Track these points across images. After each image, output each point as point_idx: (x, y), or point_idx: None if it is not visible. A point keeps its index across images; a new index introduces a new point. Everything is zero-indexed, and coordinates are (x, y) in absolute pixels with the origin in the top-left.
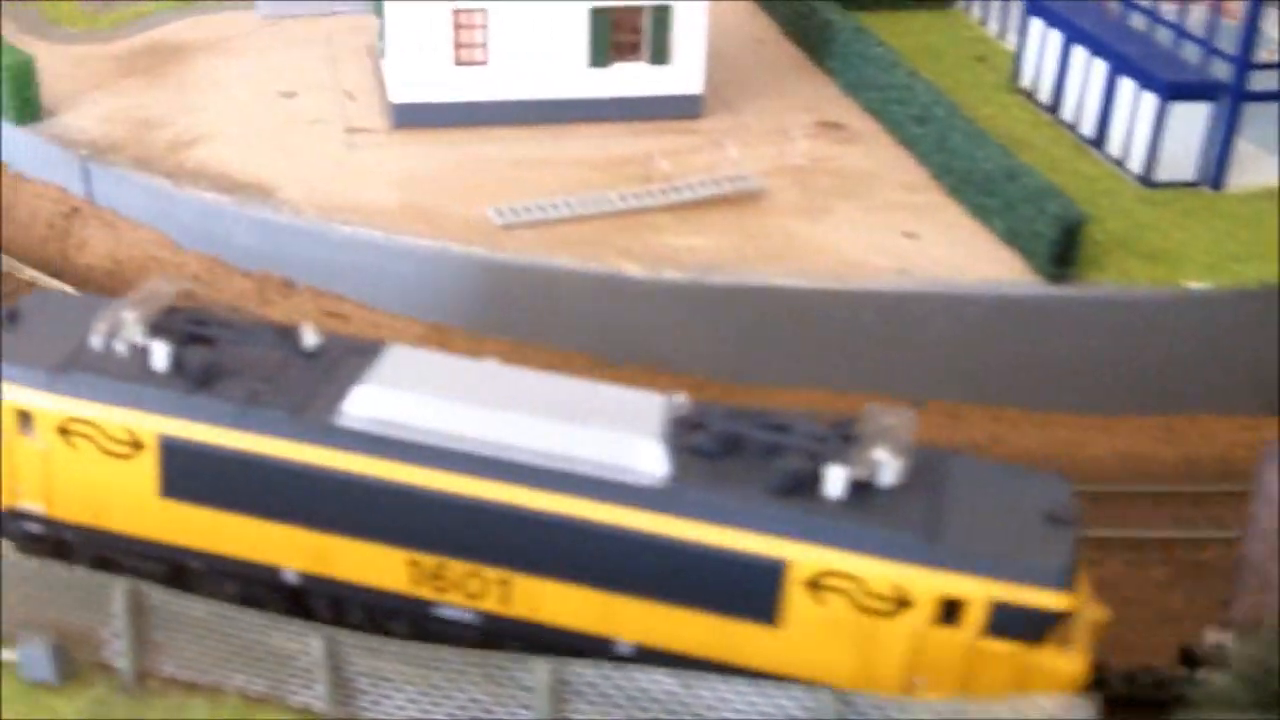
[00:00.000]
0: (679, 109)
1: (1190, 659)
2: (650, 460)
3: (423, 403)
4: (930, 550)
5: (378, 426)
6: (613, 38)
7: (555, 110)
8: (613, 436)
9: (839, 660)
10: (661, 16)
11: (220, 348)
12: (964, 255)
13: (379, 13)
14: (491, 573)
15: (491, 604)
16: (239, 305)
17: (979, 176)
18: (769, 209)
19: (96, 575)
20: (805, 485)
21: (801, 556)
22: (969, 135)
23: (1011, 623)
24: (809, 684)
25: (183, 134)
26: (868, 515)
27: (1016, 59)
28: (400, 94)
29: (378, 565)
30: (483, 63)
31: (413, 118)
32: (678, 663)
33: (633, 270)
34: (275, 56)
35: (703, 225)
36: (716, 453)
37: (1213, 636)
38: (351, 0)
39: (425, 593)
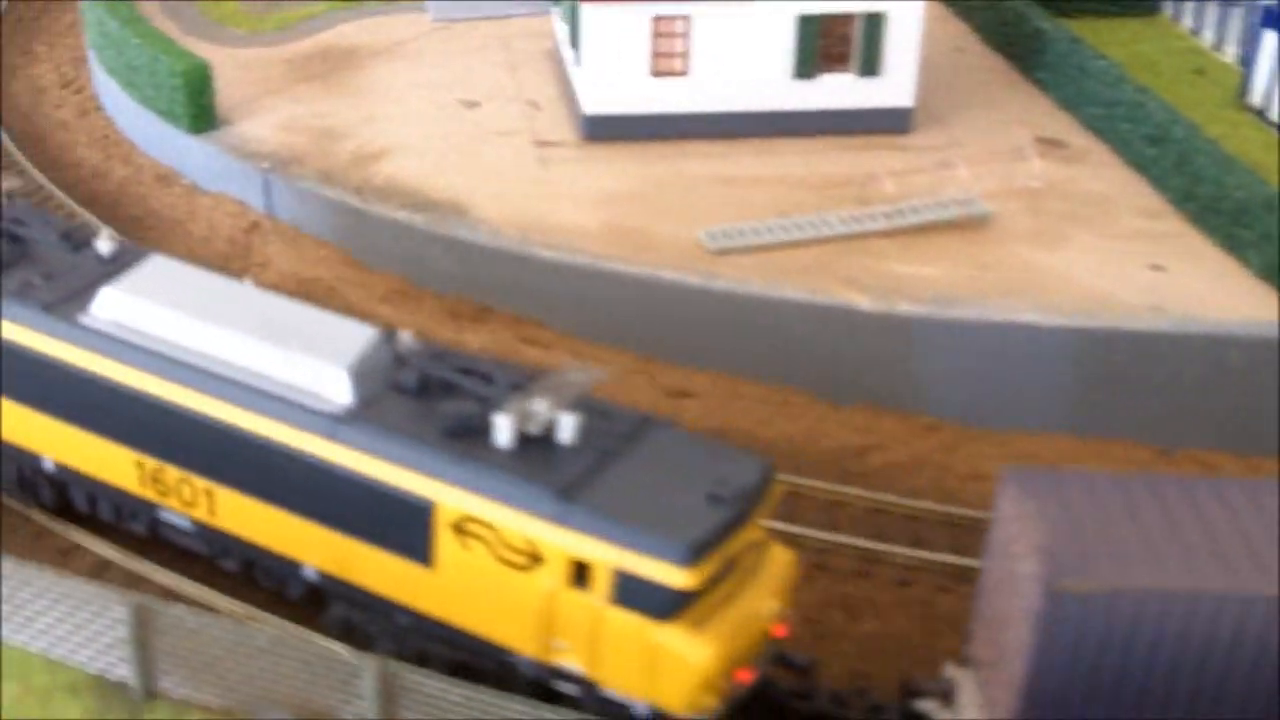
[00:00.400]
0: (888, 123)
1: (910, 693)
2: (335, 389)
3: (154, 310)
4: (563, 509)
5: (113, 328)
6: (820, 47)
7: (757, 124)
8: (307, 362)
9: (486, 610)
10: (874, 25)
11: (24, 245)
12: (1217, 291)
13: (568, 18)
14: (199, 482)
15: (202, 513)
16: (429, 329)
17: (1229, 205)
18: (1000, 235)
19: (344, 651)
20: (474, 432)
21: (447, 500)
22: (1215, 158)
23: (636, 594)
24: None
25: (366, 146)
26: (517, 467)
27: (1245, 73)
28: (594, 105)
29: (113, 464)
30: (682, 73)
31: (606, 130)
32: (357, 595)
33: (862, 303)
34: (452, 62)
35: (930, 252)
36: (411, 391)
37: (951, 671)
38: (527, 2)
39: (150, 495)
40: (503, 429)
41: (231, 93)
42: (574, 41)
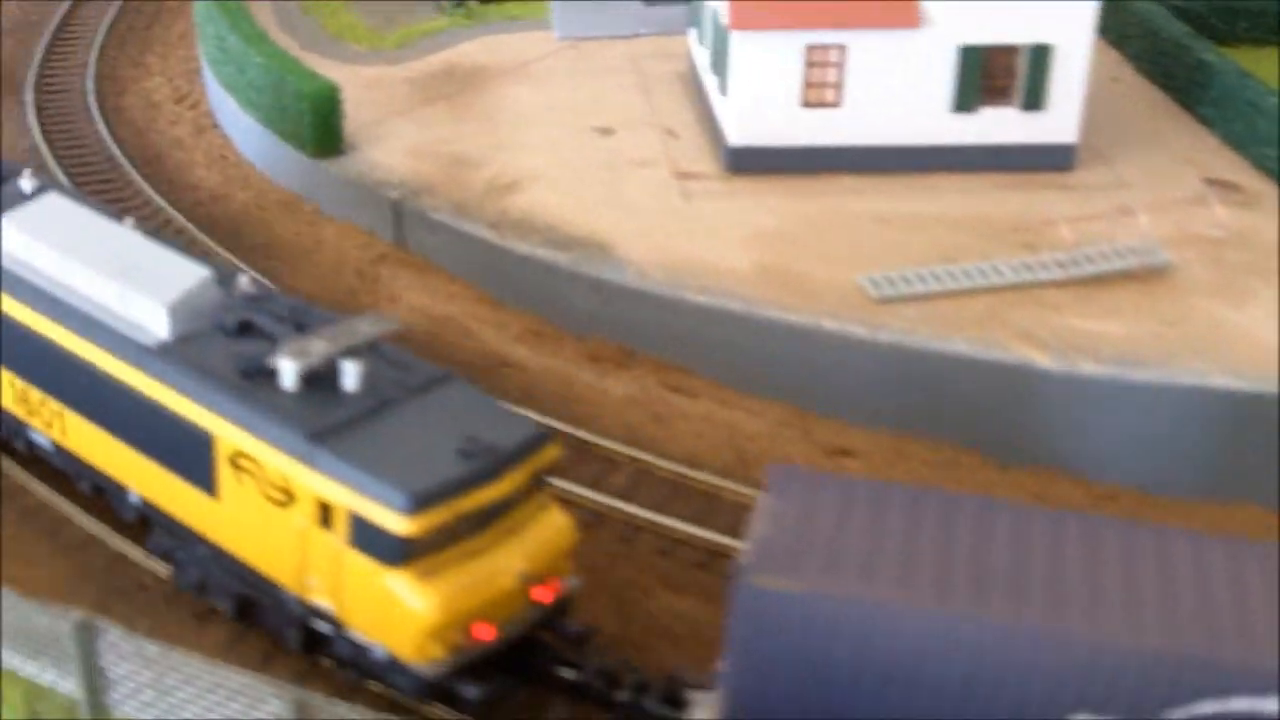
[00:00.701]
0: (1050, 160)
1: (675, 681)
2: (155, 324)
3: (26, 241)
4: (312, 451)
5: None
6: (982, 79)
7: (911, 158)
8: (136, 297)
9: (258, 545)
10: (1040, 56)
11: None
12: None
13: (709, 43)
14: (54, 405)
15: (57, 435)
16: (568, 373)
17: None
18: (1181, 288)
19: None
20: (265, 373)
21: (223, 434)
22: None
23: (368, 539)
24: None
25: (499, 175)
26: (284, 407)
27: None
28: (740, 136)
29: (3, 386)
30: (834, 104)
31: (752, 162)
32: (168, 523)
33: (1041, 360)
34: (582, 85)
35: (1109, 305)
36: (230, 332)
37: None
38: (656, 21)
39: (22, 415)
40: (286, 371)
41: (356, 114)
42: (717, 68)
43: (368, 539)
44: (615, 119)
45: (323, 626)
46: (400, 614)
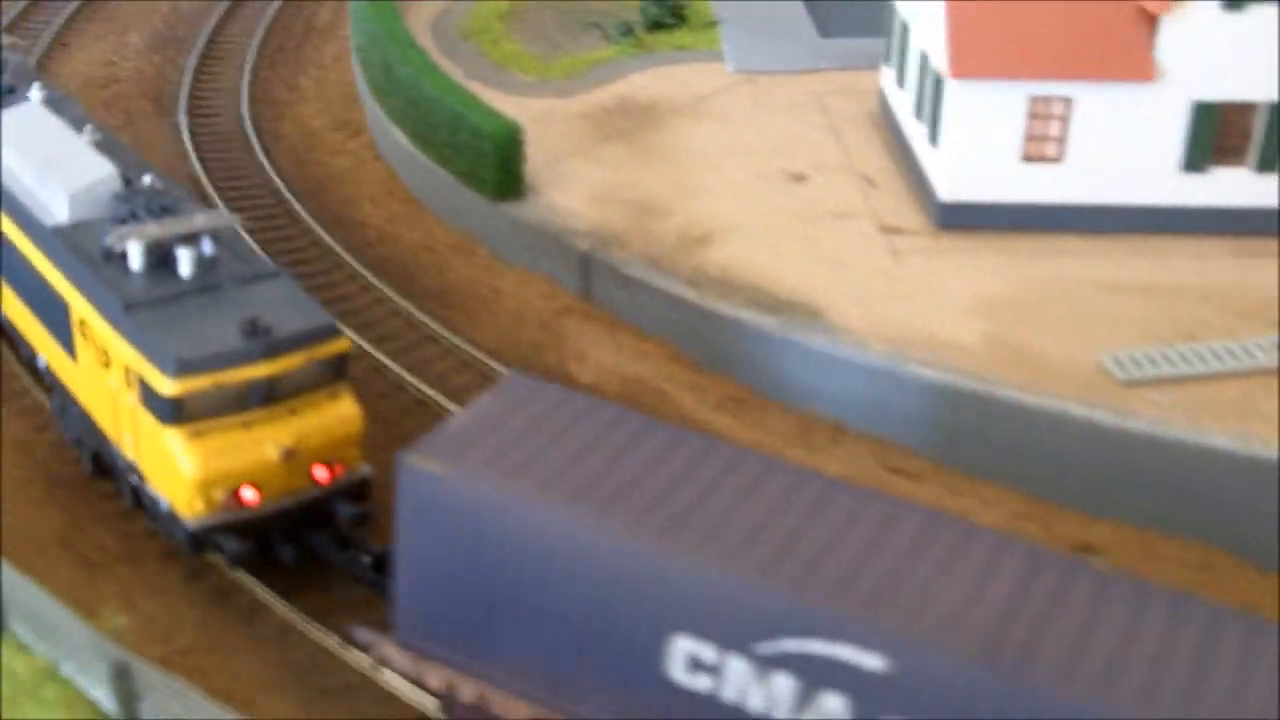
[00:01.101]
0: None
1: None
2: (58, 209)
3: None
4: (122, 319)
5: None
6: (1215, 138)
7: (1136, 219)
8: (49, 185)
9: (98, 401)
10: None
11: None
12: None
13: (914, 87)
14: (5, 283)
15: (8, 310)
16: (775, 447)
17: None
18: None
19: None
20: (119, 253)
21: (75, 303)
22: None
23: (150, 399)
24: None
25: (690, 225)
26: (119, 283)
27: None
28: (952, 190)
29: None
30: (1055, 159)
31: (963, 219)
32: (56, 384)
33: None
34: (765, 123)
35: None
36: (119, 219)
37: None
38: (835, 55)
39: (4, 303)
40: (133, 253)
41: (531, 152)
42: (924, 114)
43: (150, 399)
44: (806, 163)
45: (134, 479)
46: (172, 468)
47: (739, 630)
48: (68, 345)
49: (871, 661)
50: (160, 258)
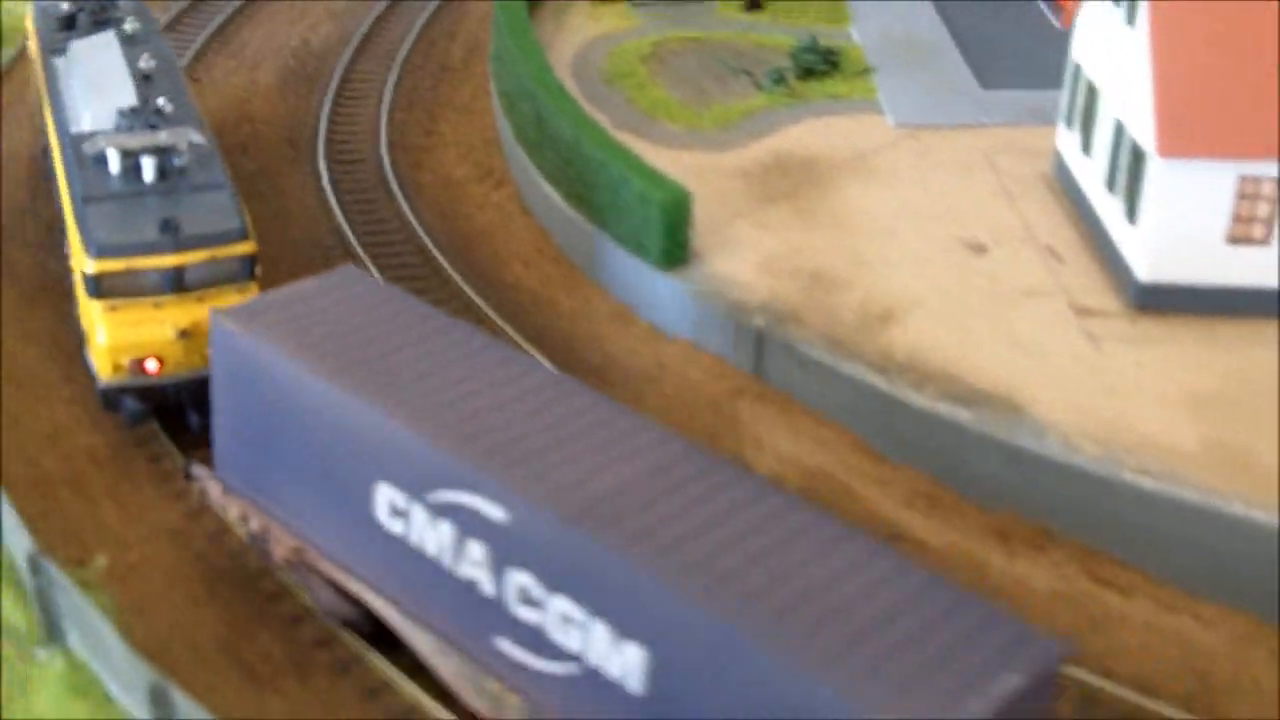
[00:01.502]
0: None
1: None
2: (81, 118)
3: (69, 55)
4: (80, 209)
5: (60, 63)
6: None
7: None
8: (82, 100)
9: (79, 287)
10: None
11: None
12: None
13: (1107, 156)
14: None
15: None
16: (969, 549)
17: None
18: None
19: None
20: (104, 158)
21: (65, 196)
22: None
23: (84, 278)
24: None
25: (869, 300)
26: (92, 181)
27: None
28: (1153, 271)
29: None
30: (1263, 241)
31: (1163, 301)
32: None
33: None
34: (933, 184)
35: None
36: (120, 129)
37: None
38: (1004, 103)
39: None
40: (111, 158)
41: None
42: (1115, 186)
43: (84, 277)
44: (983, 232)
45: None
46: (93, 336)
47: (418, 480)
48: (71, 234)
49: (496, 513)
50: (135, 165)
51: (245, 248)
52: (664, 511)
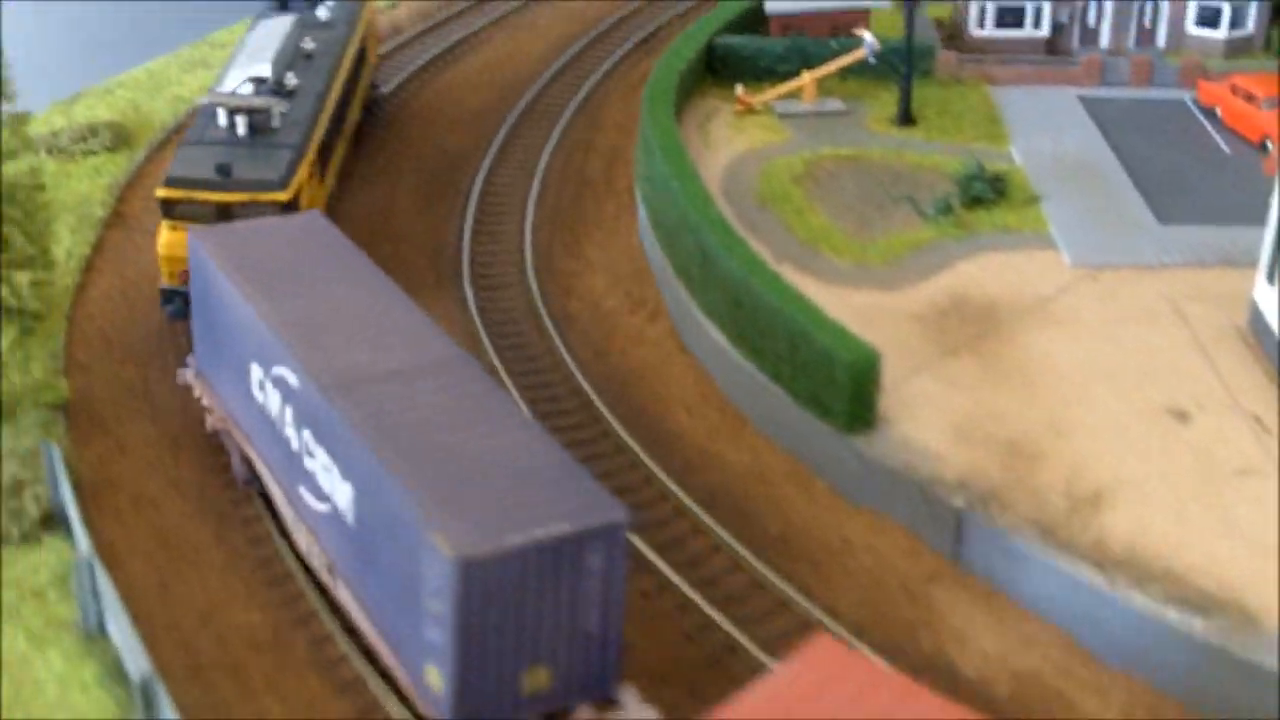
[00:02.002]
0: None
1: None
2: (225, 81)
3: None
4: (178, 148)
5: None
6: None
7: None
8: (232, 69)
9: None
10: None
11: None
12: None
13: None
14: None
15: None
16: None
17: None
18: None
19: None
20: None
21: None
22: None
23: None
24: None
25: (1074, 477)
26: (204, 129)
27: None
28: None
29: None
30: None
31: None
32: None
33: None
34: (1121, 336)
35: None
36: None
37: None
38: (1187, 241)
39: None
40: (220, 114)
41: None
42: None
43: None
44: (1182, 395)
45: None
46: (158, 248)
47: (266, 358)
48: None
49: (294, 380)
50: (232, 120)
51: (280, 196)
52: (391, 390)
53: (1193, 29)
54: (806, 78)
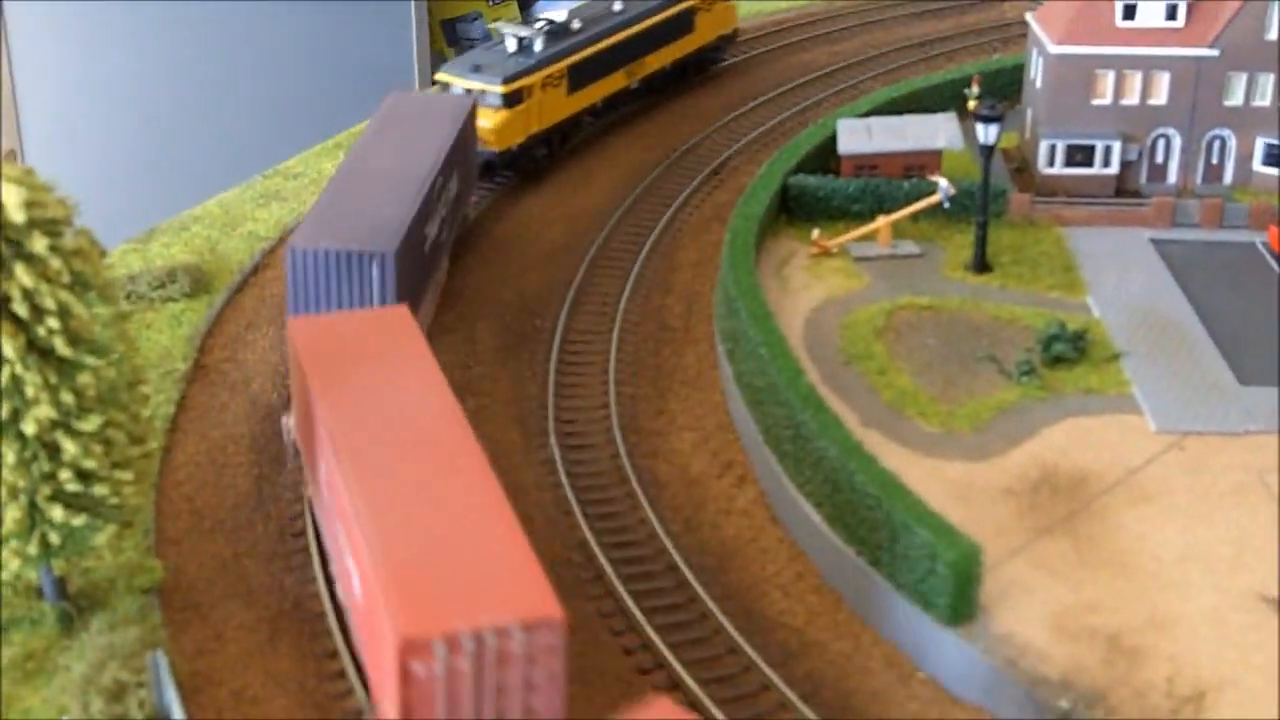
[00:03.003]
0: None
1: None
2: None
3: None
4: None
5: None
6: None
7: None
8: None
9: None
10: None
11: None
12: None
13: None
14: None
15: None
16: None
17: None
18: None
19: None
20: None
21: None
22: None
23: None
24: None
25: (1177, 677)
26: (486, 49)
27: None
28: None
29: None
30: None
31: None
32: None
33: None
34: (1212, 515)
35: None
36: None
37: None
38: (1271, 406)
39: None
40: (509, 39)
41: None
42: None
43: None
44: (1271, 574)
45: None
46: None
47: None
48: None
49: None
50: (517, 45)
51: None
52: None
53: (1259, 167)
54: (881, 221)
